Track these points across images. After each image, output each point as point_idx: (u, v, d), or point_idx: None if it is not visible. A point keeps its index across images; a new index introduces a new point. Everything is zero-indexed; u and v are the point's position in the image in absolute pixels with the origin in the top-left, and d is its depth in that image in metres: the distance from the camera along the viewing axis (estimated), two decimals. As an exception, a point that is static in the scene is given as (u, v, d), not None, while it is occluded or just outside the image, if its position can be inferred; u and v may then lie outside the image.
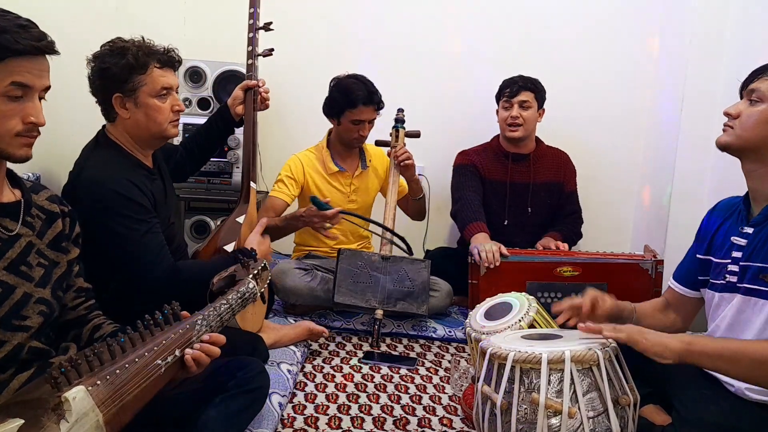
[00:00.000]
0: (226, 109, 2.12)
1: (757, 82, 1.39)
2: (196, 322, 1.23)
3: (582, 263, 2.41)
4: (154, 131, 1.72)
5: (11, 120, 1.12)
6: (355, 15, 3.14)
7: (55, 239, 1.30)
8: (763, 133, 1.37)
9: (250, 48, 2.15)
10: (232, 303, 1.35)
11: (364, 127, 2.53)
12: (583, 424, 1.22)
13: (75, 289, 1.36)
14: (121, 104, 1.66)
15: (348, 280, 2.37)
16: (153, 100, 1.68)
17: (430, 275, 2.47)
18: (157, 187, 1.76)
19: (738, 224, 1.47)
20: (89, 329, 1.37)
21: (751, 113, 1.38)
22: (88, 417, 0.98)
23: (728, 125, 1.44)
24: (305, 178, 2.59)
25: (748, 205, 1.47)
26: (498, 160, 2.77)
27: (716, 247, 1.52)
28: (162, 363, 1.12)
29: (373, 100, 2.49)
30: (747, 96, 1.42)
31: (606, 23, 3.11)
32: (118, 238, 1.59)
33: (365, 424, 1.74)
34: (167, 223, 1.78)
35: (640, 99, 3.14)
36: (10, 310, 1.16)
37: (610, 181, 3.21)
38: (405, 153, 2.55)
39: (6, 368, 1.17)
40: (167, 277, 1.64)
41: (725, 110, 1.44)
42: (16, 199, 1.23)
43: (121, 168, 1.65)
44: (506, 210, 2.75)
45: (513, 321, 1.69)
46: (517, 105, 2.67)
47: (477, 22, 3.13)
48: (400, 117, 2.64)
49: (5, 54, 1.09)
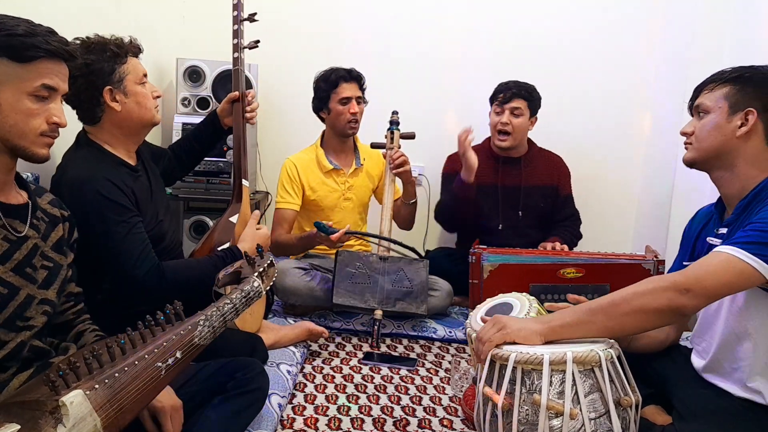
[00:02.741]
0: (216, 117, 2.11)
1: (700, 98, 1.49)
2: (198, 323, 1.21)
3: (585, 264, 2.39)
4: (146, 118, 1.72)
5: (36, 119, 1.17)
6: (353, 17, 3.14)
7: (58, 242, 1.31)
8: (717, 140, 1.44)
9: (235, 41, 2.12)
10: (236, 303, 1.32)
11: (352, 104, 2.53)
12: (584, 426, 1.21)
13: (65, 293, 1.36)
14: (112, 97, 1.65)
15: (346, 281, 2.36)
16: (139, 87, 1.69)
17: (430, 275, 2.47)
18: (141, 184, 1.73)
19: (714, 227, 1.52)
20: (73, 336, 1.37)
21: (702, 125, 1.48)
22: (85, 421, 0.97)
23: (687, 143, 1.53)
24: (301, 180, 2.59)
25: (722, 209, 1.53)
26: (488, 163, 2.74)
27: (698, 252, 1.55)
28: (162, 365, 1.11)
29: (352, 75, 2.56)
30: (695, 112, 1.52)
31: (606, 23, 3.11)
32: (99, 239, 1.57)
33: (365, 425, 1.73)
34: (155, 220, 1.76)
35: (641, 99, 3.14)
36: (14, 311, 1.17)
37: (611, 182, 3.21)
38: (400, 156, 2.51)
39: (7, 367, 1.17)
40: (152, 278, 1.62)
41: (681, 131, 1.54)
42: (24, 201, 1.25)
43: (102, 167, 1.62)
44: (500, 213, 2.74)
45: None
46: (508, 111, 2.65)
47: (477, 22, 3.13)
48: (395, 119, 2.61)
49: (37, 54, 1.14)
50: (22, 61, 1.13)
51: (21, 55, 1.13)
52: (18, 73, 1.14)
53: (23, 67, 1.14)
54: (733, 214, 1.45)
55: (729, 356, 1.41)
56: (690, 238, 1.63)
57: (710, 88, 1.48)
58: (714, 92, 1.46)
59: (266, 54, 2.98)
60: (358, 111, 2.55)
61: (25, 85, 1.15)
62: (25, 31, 1.13)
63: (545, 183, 2.77)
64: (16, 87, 1.14)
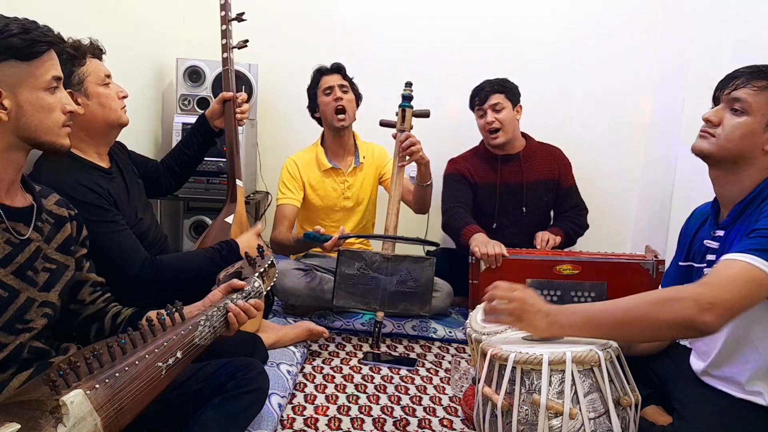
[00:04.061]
0: (205, 120, 2.10)
1: (740, 91, 1.35)
2: (198, 323, 1.22)
3: (581, 262, 2.40)
4: (112, 119, 1.70)
5: (55, 112, 1.20)
6: (353, 16, 3.14)
7: (64, 243, 1.31)
8: (745, 146, 1.35)
9: (224, 41, 2.12)
10: (237, 303, 1.33)
11: (334, 92, 2.55)
12: (584, 425, 1.21)
13: (90, 284, 1.39)
14: (74, 100, 1.63)
15: (347, 282, 2.34)
16: (101, 88, 1.68)
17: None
18: (116, 185, 1.73)
19: (710, 228, 1.48)
20: (110, 318, 1.40)
21: (736, 125, 1.35)
22: (86, 421, 0.97)
23: (708, 132, 1.40)
24: (302, 177, 2.60)
25: (717, 209, 1.48)
26: (488, 164, 2.75)
27: (694, 253, 1.53)
28: (163, 365, 1.12)
29: (332, 67, 2.61)
30: (728, 103, 1.38)
31: (607, 22, 3.10)
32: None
33: (365, 425, 1.73)
34: (134, 219, 1.76)
35: (641, 98, 3.13)
36: (14, 314, 1.17)
37: (611, 181, 3.20)
38: (410, 142, 2.35)
39: (7, 368, 1.17)
40: (146, 272, 1.63)
41: (705, 116, 1.40)
42: (29, 203, 1.25)
43: (72, 172, 1.60)
44: (496, 212, 2.73)
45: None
46: (490, 110, 2.65)
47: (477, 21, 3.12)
48: (408, 93, 2.42)
49: (41, 48, 1.16)
50: (29, 59, 1.14)
51: (26, 53, 1.14)
52: (28, 71, 1.15)
53: (31, 64, 1.15)
54: (728, 217, 1.42)
55: (729, 361, 1.39)
56: (686, 238, 1.59)
57: (759, 87, 1.34)
58: (762, 94, 1.33)
59: (266, 54, 2.99)
60: (343, 98, 2.54)
61: (38, 81, 1.16)
62: (19, 28, 1.13)
63: (546, 177, 2.77)
64: (31, 85, 1.15)
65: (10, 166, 1.19)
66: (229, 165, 2.10)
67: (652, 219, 3.05)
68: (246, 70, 2.87)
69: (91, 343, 1.36)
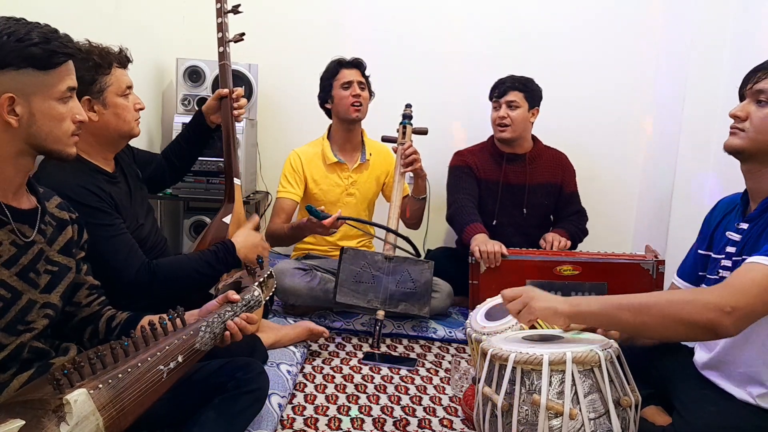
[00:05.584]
0: (202, 116, 2.08)
1: (764, 82, 1.34)
2: (199, 329, 1.23)
3: (582, 262, 2.41)
4: (124, 130, 1.71)
5: (66, 121, 1.20)
6: (355, 15, 3.14)
7: (66, 245, 1.32)
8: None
9: (220, 34, 2.05)
10: (237, 311, 1.35)
11: (353, 87, 2.54)
12: (584, 426, 1.22)
13: (87, 286, 1.39)
14: (90, 107, 1.63)
15: (350, 279, 2.35)
16: (120, 99, 1.68)
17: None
18: (119, 189, 1.73)
19: (735, 220, 1.47)
20: (105, 321, 1.40)
21: (763, 116, 1.34)
22: (88, 420, 0.97)
23: (738, 128, 1.39)
24: (304, 172, 2.59)
25: (746, 202, 1.47)
26: (493, 160, 2.75)
27: (715, 243, 1.53)
28: (164, 369, 1.12)
29: (352, 62, 2.59)
30: (753, 97, 1.37)
31: (608, 24, 3.11)
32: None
33: (365, 425, 1.73)
34: (135, 224, 1.75)
35: (641, 99, 3.14)
36: (15, 315, 1.17)
37: (611, 182, 3.21)
38: (411, 150, 2.47)
39: (7, 368, 1.17)
40: (143, 276, 1.63)
41: (732, 112, 1.40)
42: (33, 206, 1.26)
43: (76, 175, 1.60)
44: (497, 210, 2.74)
45: (514, 322, 1.68)
46: (505, 105, 2.65)
47: (477, 20, 3.13)
48: (408, 113, 2.57)
49: (60, 60, 1.16)
50: (46, 69, 1.15)
51: (45, 63, 1.14)
52: (44, 81, 1.15)
53: (48, 74, 1.15)
54: (756, 210, 1.40)
55: (732, 359, 1.39)
56: (709, 228, 1.57)
57: None
58: None
59: (266, 53, 3.00)
60: (361, 95, 2.55)
61: (53, 91, 1.17)
62: (41, 37, 1.14)
63: (549, 181, 2.77)
64: (45, 94, 1.16)
65: (20, 171, 1.20)
66: (226, 163, 2.04)
67: (652, 219, 3.05)
68: (246, 70, 2.87)
69: (85, 345, 1.38)
